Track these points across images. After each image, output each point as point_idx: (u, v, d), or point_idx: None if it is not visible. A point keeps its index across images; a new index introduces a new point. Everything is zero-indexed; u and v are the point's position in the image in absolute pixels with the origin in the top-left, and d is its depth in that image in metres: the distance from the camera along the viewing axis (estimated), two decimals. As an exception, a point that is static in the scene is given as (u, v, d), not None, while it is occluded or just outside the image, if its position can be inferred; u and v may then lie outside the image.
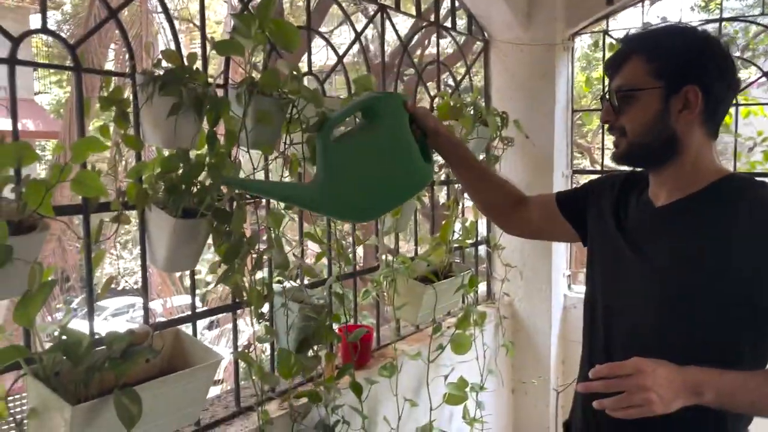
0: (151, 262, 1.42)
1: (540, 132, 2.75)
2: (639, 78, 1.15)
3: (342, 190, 1.29)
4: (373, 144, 1.32)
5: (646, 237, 1.21)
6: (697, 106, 1.12)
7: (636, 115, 1.15)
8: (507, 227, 1.63)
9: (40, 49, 10.49)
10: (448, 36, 2.69)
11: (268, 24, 1.46)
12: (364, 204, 1.33)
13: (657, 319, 1.15)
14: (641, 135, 1.16)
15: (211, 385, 1.37)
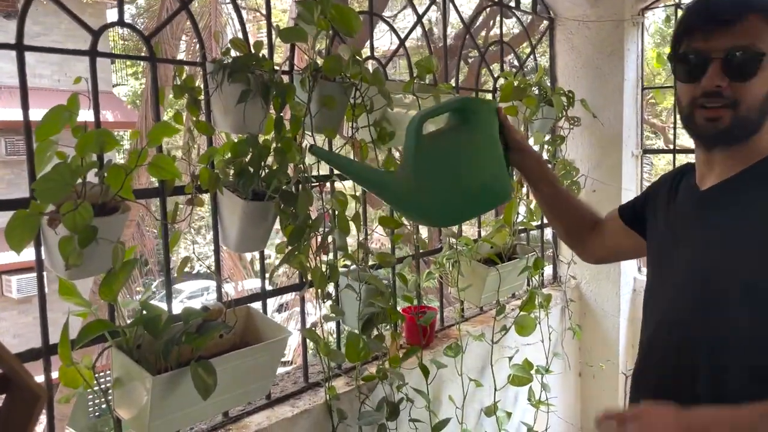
0: (224, 243, 1.49)
1: (608, 111, 2.68)
2: (764, 41, 0.99)
3: (427, 189, 1.22)
4: (466, 146, 1.26)
5: (686, 225, 1.12)
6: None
7: (758, 85, 1.00)
8: (584, 254, 1.50)
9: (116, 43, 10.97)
10: (513, 16, 2.65)
11: (330, 10, 1.49)
12: (446, 208, 1.27)
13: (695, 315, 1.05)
14: (755, 110, 1.01)
15: (281, 359, 1.43)
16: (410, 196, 1.23)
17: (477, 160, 1.26)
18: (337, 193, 1.60)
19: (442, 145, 1.26)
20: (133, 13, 11.14)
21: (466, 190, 1.26)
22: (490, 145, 1.28)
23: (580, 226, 1.45)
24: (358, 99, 1.61)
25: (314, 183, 1.57)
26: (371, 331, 1.69)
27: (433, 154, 1.23)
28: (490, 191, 1.29)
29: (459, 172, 1.24)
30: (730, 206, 1.05)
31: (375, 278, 1.67)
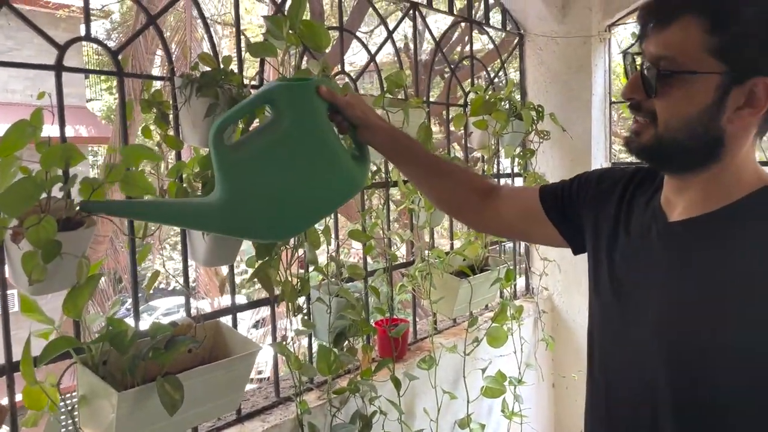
0: (192, 257, 1.49)
1: (577, 125, 2.73)
2: (692, 52, 0.81)
3: (245, 204, 1.05)
4: (282, 146, 1.05)
5: (651, 261, 0.92)
6: (766, 105, 0.81)
7: (677, 103, 0.84)
8: (477, 224, 1.34)
9: (90, 57, 10.89)
10: (487, 32, 2.70)
11: (299, 25, 1.50)
12: (276, 220, 1.08)
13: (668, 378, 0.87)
14: (676, 130, 0.84)
15: (251, 374, 1.42)
16: (226, 215, 1.05)
17: (299, 154, 1.05)
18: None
19: (254, 149, 1.06)
20: (108, 28, 11.09)
21: (294, 199, 1.07)
22: (315, 134, 1.06)
23: (467, 198, 1.24)
24: (328, 113, 1.62)
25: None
26: (343, 344, 1.69)
27: (244, 162, 1.04)
28: (326, 187, 1.09)
29: (279, 180, 1.05)
30: (712, 250, 0.86)
31: (346, 291, 1.68)
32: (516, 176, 2.75)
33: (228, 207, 1.04)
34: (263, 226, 1.08)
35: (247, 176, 1.04)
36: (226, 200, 1.04)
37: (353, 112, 1.13)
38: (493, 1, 2.73)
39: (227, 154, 1.04)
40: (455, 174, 1.27)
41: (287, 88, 1.07)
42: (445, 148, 2.53)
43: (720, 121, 0.82)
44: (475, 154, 2.75)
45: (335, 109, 1.11)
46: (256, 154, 1.05)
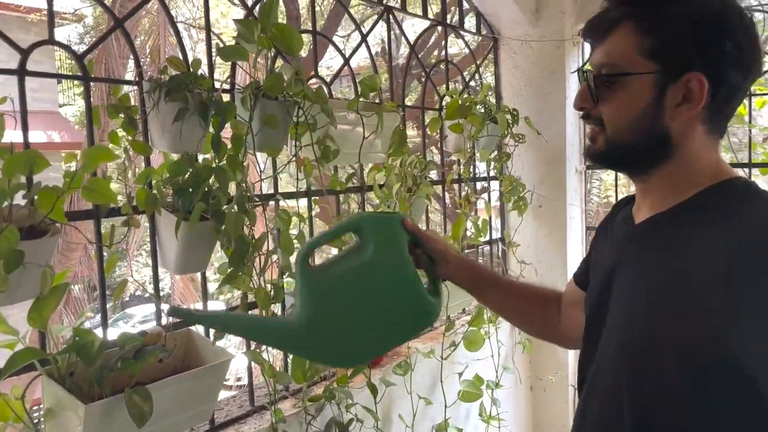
0: (163, 265, 1.46)
1: (551, 128, 2.74)
2: (627, 56, 0.86)
3: (325, 331, 1.06)
4: (364, 274, 1.08)
5: (616, 266, 0.95)
6: (702, 99, 0.84)
7: (618, 106, 0.88)
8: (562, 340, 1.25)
9: (63, 62, 10.72)
10: (462, 36, 2.70)
11: (271, 29, 1.49)
12: (352, 348, 1.10)
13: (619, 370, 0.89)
14: (623, 132, 0.89)
15: (223, 383, 1.39)
16: (306, 339, 1.06)
17: (380, 286, 1.08)
18: (280, 211, 1.59)
19: (337, 276, 1.08)
20: (80, 32, 10.92)
21: (369, 327, 1.09)
22: (396, 266, 1.09)
23: (544, 313, 1.23)
24: (301, 117, 1.61)
25: (257, 202, 1.56)
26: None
27: (327, 288, 1.07)
28: (400, 324, 1.12)
29: (358, 308, 1.07)
30: (659, 249, 0.89)
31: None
32: (492, 179, 2.76)
33: (309, 328, 1.06)
34: (339, 350, 1.10)
35: (329, 300, 1.07)
36: (308, 320, 1.05)
37: (434, 245, 1.17)
38: (468, 6, 2.73)
39: (312, 277, 1.07)
40: (532, 293, 1.28)
41: (374, 220, 1.14)
42: (421, 152, 2.52)
43: (663, 119, 0.86)
44: (451, 158, 2.75)
45: (416, 242, 1.15)
46: (338, 279, 1.08)
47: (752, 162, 2.50)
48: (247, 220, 1.45)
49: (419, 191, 2.01)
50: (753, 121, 2.44)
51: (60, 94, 11.73)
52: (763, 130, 2.72)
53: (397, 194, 1.98)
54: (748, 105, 2.43)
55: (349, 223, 1.14)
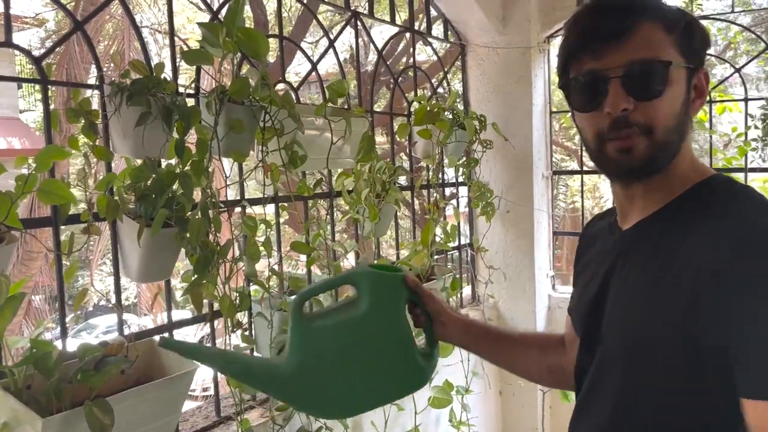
0: (125, 273, 1.42)
1: (518, 134, 2.77)
2: (666, 50, 0.83)
3: (312, 381, 1.05)
4: (355, 330, 1.06)
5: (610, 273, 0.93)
6: (707, 94, 0.89)
7: (670, 103, 0.84)
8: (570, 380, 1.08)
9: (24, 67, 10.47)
10: (430, 43, 2.71)
11: (236, 32, 1.47)
12: (337, 401, 1.08)
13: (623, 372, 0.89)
14: (672, 131, 0.84)
15: (187, 394, 1.36)
16: (290, 386, 1.05)
17: (369, 347, 1.06)
18: (246, 218, 1.56)
19: (330, 328, 1.06)
20: (42, 37, 10.68)
21: (356, 383, 1.07)
22: (391, 324, 1.08)
23: (546, 358, 1.20)
24: (268, 122, 1.59)
25: (222, 208, 1.53)
26: (286, 359, 1.65)
27: (320, 339, 1.05)
28: (387, 383, 1.10)
29: (345, 362, 1.05)
30: (646, 250, 0.88)
31: (288, 304, 1.64)
32: (461, 185, 2.77)
33: (296, 374, 1.04)
34: (324, 401, 1.08)
35: (318, 350, 1.05)
36: (296, 367, 1.04)
37: (432, 306, 1.14)
38: (436, 13, 2.75)
39: (304, 325, 1.05)
40: (532, 341, 1.26)
41: (375, 277, 1.09)
42: (390, 158, 2.52)
43: (688, 115, 0.86)
44: (420, 164, 2.75)
45: (415, 300, 1.12)
46: (329, 330, 1.06)
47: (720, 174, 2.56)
48: (212, 226, 1.42)
49: (388, 197, 2.00)
50: (713, 127, 2.50)
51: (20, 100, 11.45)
52: (723, 136, 2.79)
53: (365, 200, 1.97)
54: (708, 111, 2.49)
55: (347, 276, 1.14)
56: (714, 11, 7.54)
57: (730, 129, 2.66)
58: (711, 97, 2.49)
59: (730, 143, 2.78)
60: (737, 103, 2.71)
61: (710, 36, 0.88)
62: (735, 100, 2.71)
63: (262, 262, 1.60)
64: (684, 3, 3.06)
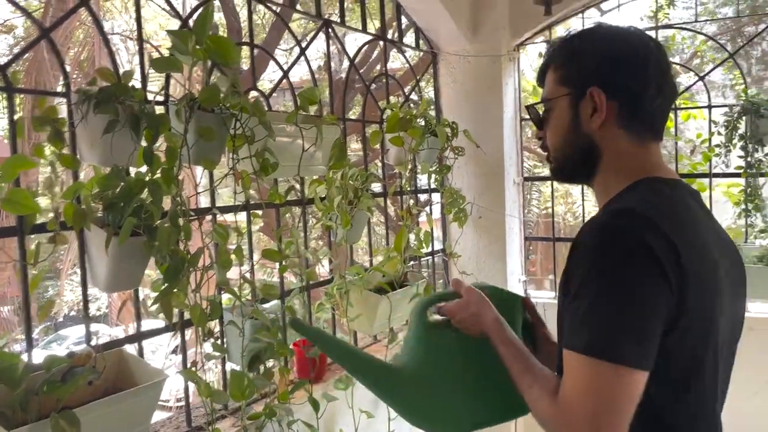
0: (93, 282, 1.41)
1: (490, 141, 2.80)
2: (550, 88, 1.08)
3: (424, 387, 1.07)
4: (478, 345, 1.07)
5: None
6: (604, 107, 1.01)
7: (553, 128, 1.09)
8: None
9: (-10, 74, 10.25)
10: (402, 51, 2.73)
11: (206, 40, 1.47)
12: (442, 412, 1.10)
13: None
14: (561, 148, 1.08)
15: (157, 404, 1.35)
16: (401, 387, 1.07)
17: (488, 364, 1.06)
18: (217, 225, 1.55)
19: (453, 340, 1.08)
20: (11, 44, 10.48)
21: (465, 397, 1.09)
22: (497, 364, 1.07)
23: None
24: (239, 130, 1.58)
25: (193, 216, 1.52)
26: (258, 367, 1.64)
27: (438, 347, 1.08)
28: (496, 404, 1.11)
29: (466, 378, 1.07)
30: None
31: (259, 312, 1.63)
32: (433, 191, 2.79)
33: (410, 378, 1.07)
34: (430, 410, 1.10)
35: (437, 359, 1.07)
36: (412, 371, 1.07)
37: (543, 331, 1.21)
38: (409, 22, 2.77)
39: (430, 330, 1.09)
40: None
41: (498, 294, 1.14)
42: (364, 164, 2.53)
43: (583, 129, 1.04)
44: (394, 171, 2.76)
45: (526, 325, 1.19)
46: (455, 341, 1.08)
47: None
48: (181, 235, 1.41)
49: (360, 204, 2.01)
50: (680, 134, 2.55)
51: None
52: (688, 142, 2.85)
53: (338, 207, 1.97)
54: (674, 119, 2.54)
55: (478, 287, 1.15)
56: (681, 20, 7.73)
57: (695, 135, 2.73)
58: (676, 105, 2.55)
59: (695, 149, 2.85)
60: (702, 110, 2.77)
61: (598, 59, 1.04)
62: (699, 107, 2.77)
63: (235, 270, 1.60)
64: (651, 12, 3.11)
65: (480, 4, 2.76)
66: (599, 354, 0.86)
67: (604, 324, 0.87)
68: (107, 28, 8.08)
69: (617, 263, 0.88)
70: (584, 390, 0.87)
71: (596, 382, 0.86)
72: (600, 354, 0.86)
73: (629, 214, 0.92)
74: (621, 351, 0.86)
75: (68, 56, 6.73)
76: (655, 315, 0.87)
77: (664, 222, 0.91)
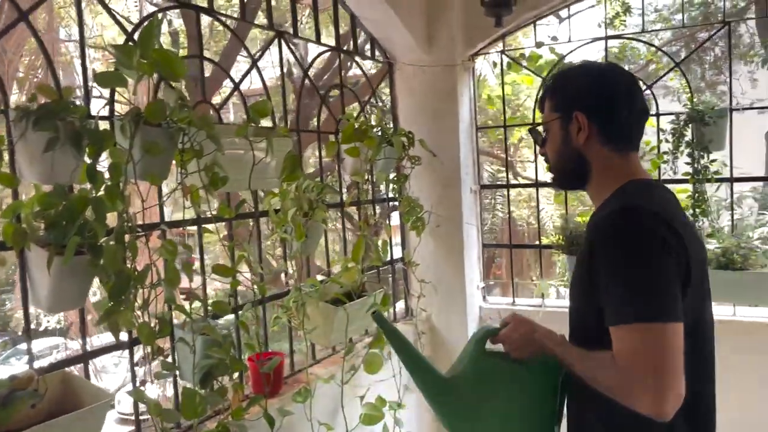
0: (34, 303, 1.37)
1: (446, 150, 2.83)
2: (546, 114, 1.37)
3: (467, 400, 1.25)
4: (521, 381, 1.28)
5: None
6: (587, 126, 1.28)
7: (551, 145, 1.36)
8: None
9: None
10: (357, 61, 2.74)
11: (151, 54, 1.45)
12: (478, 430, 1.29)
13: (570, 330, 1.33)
14: (557, 160, 1.36)
15: (103, 426, 1.32)
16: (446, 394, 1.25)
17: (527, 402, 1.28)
18: (166, 242, 1.53)
19: (501, 369, 1.28)
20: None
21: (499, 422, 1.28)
22: (547, 392, 1.30)
23: None
24: (187, 144, 1.57)
25: (140, 233, 1.50)
26: (210, 384, 1.62)
27: (489, 374, 1.26)
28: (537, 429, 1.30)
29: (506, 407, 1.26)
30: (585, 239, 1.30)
31: (210, 328, 1.61)
32: (392, 200, 2.80)
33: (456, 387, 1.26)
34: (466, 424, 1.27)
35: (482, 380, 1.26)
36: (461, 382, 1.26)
37: None
38: (365, 33, 2.78)
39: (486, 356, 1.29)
40: None
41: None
42: (327, 175, 2.52)
43: (573, 145, 1.31)
44: (350, 182, 2.76)
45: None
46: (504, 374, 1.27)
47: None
48: (128, 252, 1.39)
49: (315, 215, 2.00)
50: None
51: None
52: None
53: (292, 219, 1.96)
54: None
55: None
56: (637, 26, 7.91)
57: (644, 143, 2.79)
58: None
59: (644, 156, 2.92)
60: (651, 118, 2.84)
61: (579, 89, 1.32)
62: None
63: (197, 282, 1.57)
64: (607, 20, 3.19)
65: (434, 16, 2.79)
66: (650, 318, 1.08)
67: (644, 296, 1.10)
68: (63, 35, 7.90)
69: (638, 250, 1.12)
70: (642, 351, 1.08)
71: (652, 341, 1.07)
72: (651, 318, 1.08)
73: (639, 210, 1.16)
74: (666, 310, 1.09)
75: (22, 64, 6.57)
76: (676, 281, 1.11)
77: (667, 213, 1.17)
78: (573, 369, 1.23)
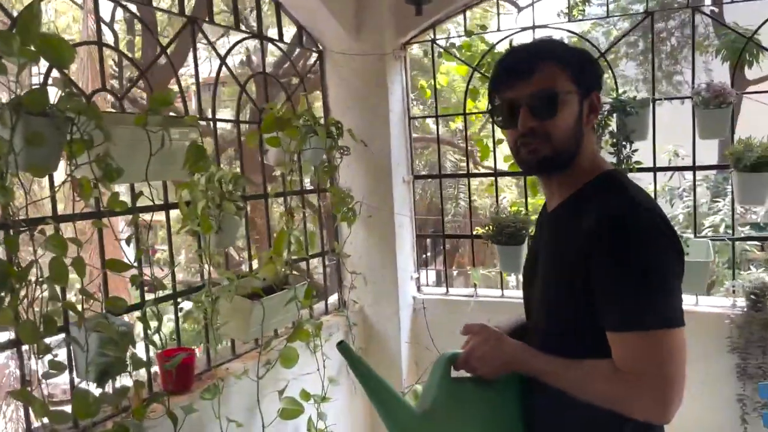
0: None
1: (377, 140, 2.80)
2: (560, 83, 1.15)
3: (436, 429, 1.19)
4: (492, 401, 1.23)
5: (539, 243, 1.32)
6: (599, 110, 1.22)
7: (563, 120, 1.15)
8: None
9: None
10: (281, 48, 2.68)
11: (34, 40, 1.38)
12: None
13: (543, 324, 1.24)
14: (566, 140, 1.17)
15: None
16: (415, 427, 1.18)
17: (500, 418, 1.23)
18: (52, 236, 1.47)
19: (465, 398, 1.21)
20: None
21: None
22: (513, 408, 1.24)
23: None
24: (77, 134, 1.50)
25: (23, 227, 1.44)
26: (107, 382, 1.57)
27: (454, 401, 1.20)
28: None
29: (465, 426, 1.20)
30: (559, 227, 1.23)
31: (106, 325, 1.56)
32: (322, 191, 2.76)
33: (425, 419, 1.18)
34: None
35: (450, 408, 1.19)
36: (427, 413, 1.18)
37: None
38: (292, 21, 2.72)
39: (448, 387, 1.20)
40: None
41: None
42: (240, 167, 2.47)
43: (582, 127, 1.19)
44: (275, 173, 2.71)
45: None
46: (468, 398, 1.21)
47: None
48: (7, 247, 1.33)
49: (225, 208, 1.96)
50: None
51: None
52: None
53: (201, 212, 1.91)
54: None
55: None
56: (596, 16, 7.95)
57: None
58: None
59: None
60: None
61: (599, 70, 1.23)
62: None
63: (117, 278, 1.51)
64: (566, 9, 3.20)
65: (363, 4, 2.74)
66: (665, 326, 1.04)
67: (658, 302, 1.05)
68: None
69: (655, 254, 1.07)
70: (658, 360, 1.03)
71: (668, 349, 1.03)
72: (665, 325, 1.04)
73: (654, 211, 1.11)
74: (678, 316, 1.06)
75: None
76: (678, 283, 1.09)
77: (659, 208, 1.13)
78: (554, 379, 1.14)
